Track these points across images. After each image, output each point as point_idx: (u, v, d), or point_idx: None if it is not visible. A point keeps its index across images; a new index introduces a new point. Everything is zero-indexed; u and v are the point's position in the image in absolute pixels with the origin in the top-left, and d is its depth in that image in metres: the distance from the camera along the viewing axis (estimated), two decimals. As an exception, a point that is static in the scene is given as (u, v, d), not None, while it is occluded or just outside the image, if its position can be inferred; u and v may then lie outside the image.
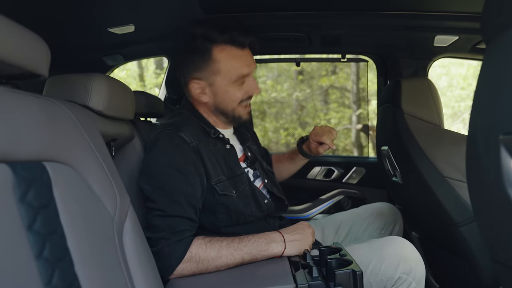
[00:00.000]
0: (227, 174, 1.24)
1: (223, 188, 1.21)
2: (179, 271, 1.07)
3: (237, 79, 1.24)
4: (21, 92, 0.71)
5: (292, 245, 1.15)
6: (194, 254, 1.08)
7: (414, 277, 1.15)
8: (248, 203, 1.26)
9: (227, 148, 1.31)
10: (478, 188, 0.75)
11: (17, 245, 0.57)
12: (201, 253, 1.08)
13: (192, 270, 1.08)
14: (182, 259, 1.06)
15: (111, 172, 0.90)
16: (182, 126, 1.22)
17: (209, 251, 1.09)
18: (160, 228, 1.08)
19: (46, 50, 0.75)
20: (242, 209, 1.23)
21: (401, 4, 1.51)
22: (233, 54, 1.23)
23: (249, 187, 1.29)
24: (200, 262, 1.08)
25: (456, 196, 1.35)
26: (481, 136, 0.69)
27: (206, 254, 1.08)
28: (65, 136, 0.79)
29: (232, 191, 1.22)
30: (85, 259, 0.71)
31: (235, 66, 1.23)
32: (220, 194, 1.19)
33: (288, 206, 1.43)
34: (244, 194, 1.26)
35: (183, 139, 1.18)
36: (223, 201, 1.20)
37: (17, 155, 0.63)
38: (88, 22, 1.45)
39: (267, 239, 1.14)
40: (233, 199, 1.22)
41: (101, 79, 1.02)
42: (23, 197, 0.61)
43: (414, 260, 1.16)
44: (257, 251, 1.12)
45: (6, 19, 0.65)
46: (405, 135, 1.47)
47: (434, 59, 1.86)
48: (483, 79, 0.69)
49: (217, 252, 1.09)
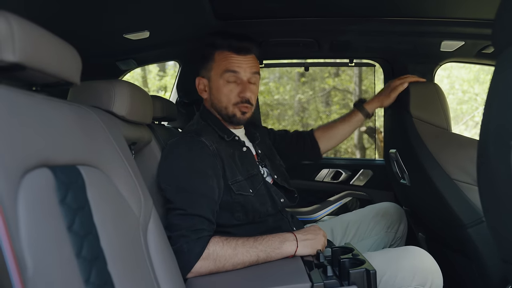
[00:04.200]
0: (244, 174, 1.30)
1: (239, 188, 1.26)
2: (197, 269, 1.11)
3: (223, 73, 1.35)
4: (57, 99, 0.76)
5: (304, 244, 1.19)
6: (212, 252, 1.12)
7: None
8: (264, 201, 1.31)
9: (244, 150, 1.38)
10: (489, 191, 0.79)
11: (60, 244, 0.61)
12: (218, 250, 1.12)
13: (209, 268, 1.12)
14: (200, 256, 1.11)
15: (135, 175, 0.94)
16: (202, 131, 1.31)
17: (226, 248, 1.13)
18: (180, 226, 1.13)
19: (78, 60, 0.80)
20: (258, 208, 1.29)
21: (408, 10, 1.55)
22: (227, 55, 1.35)
23: (264, 186, 1.35)
24: (217, 259, 1.12)
25: (464, 198, 1.38)
26: (492, 141, 0.73)
27: (223, 251, 1.13)
28: (95, 140, 0.84)
29: (249, 191, 1.28)
30: (116, 258, 0.74)
31: (224, 62, 1.35)
32: (236, 194, 1.25)
33: (297, 197, 1.48)
34: (261, 193, 1.32)
35: (203, 143, 1.25)
36: (240, 200, 1.26)
37: (56, 159, 0.67)
38: (104, 28, 1.49)
39: (280, 238, 1.19)
40: (249, 198, 1.27)
41: (123, 85, 1.06)
42: (63, 199, 0.65)
43: (431, 272, 1.18)
44: (272, 249, 1.16)
45: (44, 31, 0.69)
46: (414, 138, 1.51)
47: (440, 63, 1.89)
48: (494, 89, 0.73)
49: (233, 250, 1.13)
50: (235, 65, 1.35)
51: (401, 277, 1.16)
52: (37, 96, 0.69)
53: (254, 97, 1.40)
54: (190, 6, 1.39)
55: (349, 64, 2.01)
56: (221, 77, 1.35)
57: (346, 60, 2.02)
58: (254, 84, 1.39)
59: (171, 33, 1.64)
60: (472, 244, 1.39)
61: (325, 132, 1.69)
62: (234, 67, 1.34)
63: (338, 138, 1.69)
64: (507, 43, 0.69)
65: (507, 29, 0.70)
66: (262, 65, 2.04)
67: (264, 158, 1.47)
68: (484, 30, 1.54)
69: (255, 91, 1.40)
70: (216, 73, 1.36)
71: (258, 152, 1.47)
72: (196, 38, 1.59)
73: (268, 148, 1.56)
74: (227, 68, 1.34)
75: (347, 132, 1.69)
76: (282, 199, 1.37)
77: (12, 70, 0.62)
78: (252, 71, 1.37)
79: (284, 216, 1.39)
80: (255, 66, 1.39)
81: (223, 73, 1.35)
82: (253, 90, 1.39)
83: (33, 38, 0.63)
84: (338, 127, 1.68)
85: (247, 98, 1.35)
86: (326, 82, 7.69)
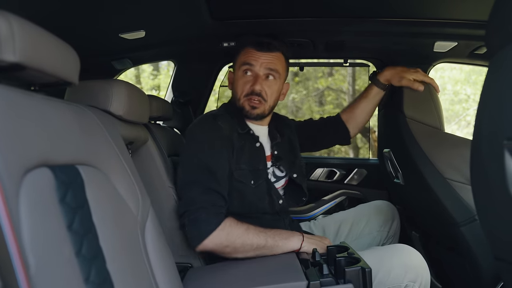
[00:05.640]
0: (249, 165, 1.35)
1: (240, 175, 1.32)
2: (211, 238, 1.18)
3: (241, 65, 1.42)
4: (55, 99, 0.76)
5: (310, 242, 1.26)
6: (228, 225, 1.20)
7: (420, 284, 1.20)
8: (262, 198, 1.36)
9: (257, 146, 1.41)
10: (482, 191, 0.80)
11: (61, 243, 0.61)
12: (233, 225, 1.21)
13: (221, 240, 1.19)
14: (218, 226, 1.18)
15: (133, 174, 0.94)
16: (219, 117, 1.39)
17: (239, 226, 1.22)
18: (201, 200, 1.21)
19: (77, 59, 0.80)
20: (256, 202, 1.34)
21: (403, 12, 1.56)
22: (248, 50, 1.42)
23: (266, 183, 1.38)
24: (230, 233, 1.19)
25: (457, 197, 1.40)
26: (486, 141, 0.74)
27: (236, 228, 1.21)
28: (94, 140, 0.84)
29: (249, 181, 1.34)
30: (114, 257, 0.75)
31: (244, 56, 1.42)
32: (236, 180, 1.30)
33: (304, 200, 1.53)
34: (261, 189, 1.36)
35: (219, 126, 1.35)
36: (239, 187, 1.31)
37: (56, 159, 0.67)
38: (100, 27, 1.49)
39: (288, 233, 1.27)
40: (248, 189, 1.33)
41: (121, 85, 1.06)
42: (63, 198, 0.65)
43: (420, 267, 1.21)
44: (280, 238, 1.23)
45: (44, 31, 0.69)
46: (408, 138, 1.52)
47: (433, 64, 1.92)
48: (488, 89, 0.74)
49: (245, 229, 1.22)
50: (252, 59, 1.40)
51: (394, 274, 1.19)
52: (36, 95, 0.70)
53: (270, 93, 1.41)
54: (186, 6, 1.39)
55: (344, 64, 2.02)
56: (239, 69, 1.43)
57: (340, 60, 2.04)
58: (271, 80, 1.41)
59: (167, 33, 1.65)
60: (465, 242, 1.41)
61: (350, 113, 1.71)
62: (251, 60, 1.40)
63: (363, 116, 1.71)
64: (501, 44, 0.70)
65: (501, 30, 0.71)
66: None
67: (279, 159, 1.48)
68: (477, 31, 1.56)
69: (271, 87, 1.41)
70: (237, 66, 1.44)
71: (274, 153, 1.48)
72: (192, 38, 1.60)
73: (291, 148, 1.57)
74: (245, 61, 1.41)
75: (369, 109, 1.70)
76: (281, 201, 1.39)
77: (12, 70, 0.62)
78: (269, 67, 1.40)
79: (282, 218, 1.41)
80: (274, 63, 1.41)
81: (241, 66, 1.42)
82: (269, 86, 1.41)
83: (33, 38, 0.64)
84: (360, 106, 1.69)
85: (257, 90, 1.37)
86: (319, 83, 7.71)
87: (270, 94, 1.41)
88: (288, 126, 1.64)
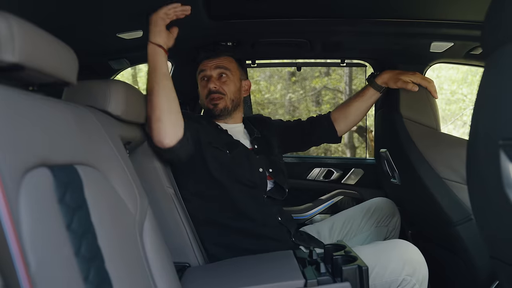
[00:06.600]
0: (220, 143, 1.44)
1: (214, 143, 1.41)
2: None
3: (199, 80, 1.60)
4: (54, 99, 0.76)
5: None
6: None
7: (418, 279, 1.21)
8: (241, 164, 1.41)
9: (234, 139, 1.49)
10: (478, 191, 0.81)
11: (60, 243, 0.61)
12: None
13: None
14: None
15: (131, 174, 0.94)
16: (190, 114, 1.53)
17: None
18: None
19: (75, 60, 0.80)
20: (234, 168, 1.39)
21: (399, 12, 1.57)
22: (202, 64, 1.59)
23: (244, 152, 1.45)
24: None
25: (453, 197, 1.41)
26: (482, 141, 0.75)
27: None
28: (92, 140, 0.84)
29: (225, 150, 1.40)
30: (113, 257, 0.75)
31: (198, 70, 1.60)
32: (212, 146, 1.39)
33: (286, 192, 1.53)
34: (238, 156, 1.42)
35: (187, 112, 1.43)
36: (215, 154, 1.39)
37: (54, 159, 0.68)
38: (98, 27, 1.49)
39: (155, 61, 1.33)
40: (224, 155, 1.39)
41: (119, 85, 1.06)
42: (62, 198, 0.66)
43: (418, 262, 1.23)
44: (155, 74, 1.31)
45: (43, 31, 0.69)
46: (404, 138, 1.53)
47: (430, 64, 1.92)
48: (484, 90, 0.75)
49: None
50: (204, 67, 1.57)
51: (392, 268, 1.21)
52: (34, 96, 0.70)
53: (228, 89, 1.54)
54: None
55: (341, 64, 2.03)
56: (199, 80, 1.59)
57: (337, 60, 2.04)
58: (225, 77, 1.54)
59: (165, 33, 1.64)
60: (461, 242, 1.43)
61: (341, 112, 1.71)
62: (204, 67, 1.57)
63: (355, 116, 1.70)
64: (496, 44, 0.71)
65: (496, 31, 0.71)
66: (254, 65, 2.05)
67: (258, 152, 1.52)
68: (473, 32, 1.57)
69: (227, 83, 1.54)
70: (198, 79, 1.60)
71: (254, 147, 1.54)
72: (190, 38, 1.60)
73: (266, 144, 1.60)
74: (199, 70, 1.58)
75: (363, 109, 1.70)
76: (261, 169, 1.44)
77: (11, 70, 0.62)
78: (218, 65, 1.54)
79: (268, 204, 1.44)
80: (223, 63, 1.55)
81: (199, 76, 1.59)
82: (224, 82, 1.54)
83: (32, 38, 0.64)
84: (353, 105, 1.69)
85: (212, 88, 1.51)
86: (315, 83, 7.72)
87: (228, 90, 1.54)
88: (264, 123, 1.70)
